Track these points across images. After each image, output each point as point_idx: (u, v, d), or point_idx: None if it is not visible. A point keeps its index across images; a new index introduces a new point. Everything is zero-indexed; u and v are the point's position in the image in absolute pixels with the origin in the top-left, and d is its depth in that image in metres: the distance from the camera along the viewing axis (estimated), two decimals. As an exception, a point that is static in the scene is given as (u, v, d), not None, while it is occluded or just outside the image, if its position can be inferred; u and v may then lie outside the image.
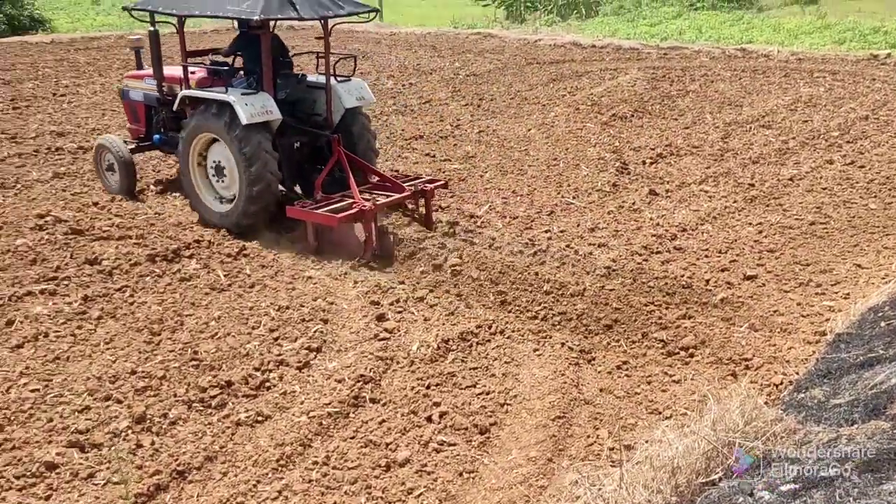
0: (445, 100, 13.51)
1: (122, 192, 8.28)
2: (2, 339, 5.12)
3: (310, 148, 7.77)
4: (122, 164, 8.23)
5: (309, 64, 9.75)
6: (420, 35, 23.29)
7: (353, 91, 7.65)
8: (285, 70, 7.75)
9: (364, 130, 7.83)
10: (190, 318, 5.56)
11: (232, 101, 6.86)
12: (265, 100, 7.02)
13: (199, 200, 7.52)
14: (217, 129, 7.07)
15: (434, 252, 6.59)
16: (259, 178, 6.94)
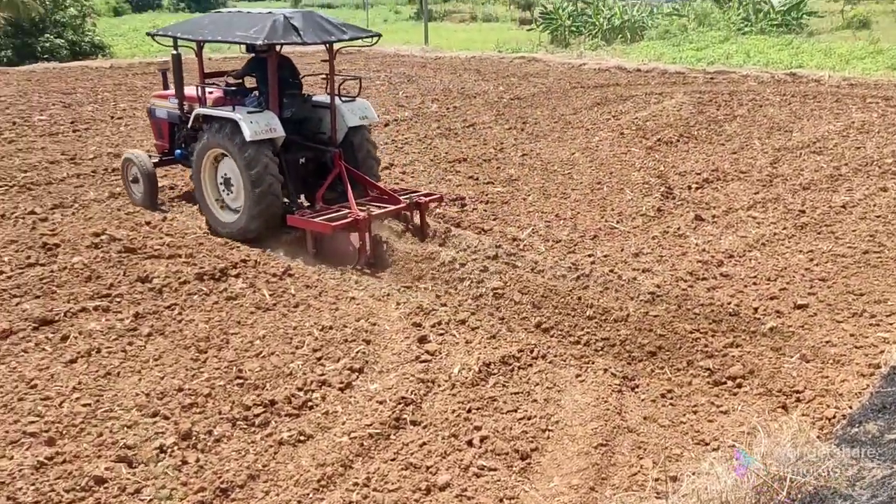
0: (489, 123, 13.58)
1: (144, 203, 8.81)
2: (57, 353, 5.27)
3: (315, 163, 8.12)
4: (146, 177, 8.77)
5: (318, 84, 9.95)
6: (465, 59, 23.50)
7: (356, 111, 8.07)
8: (293, 91, 8.18)
9: (366, 147, 8.21)
10: (235, 336, 5.65)
11: (237, 119, 7.34)
12: (269, 118, 7.47)
13: (209, 210, 8.01)
14: (225, 145, 7.55)
15: (476, 275, 6.60)
16: (262, 190, 7.38)
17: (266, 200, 7.43)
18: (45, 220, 8.09)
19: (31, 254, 7.02)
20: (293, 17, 7.49)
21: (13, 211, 8.36)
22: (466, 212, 8.62)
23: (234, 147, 7.42)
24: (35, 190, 9.29)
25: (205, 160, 7.86)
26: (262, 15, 7.58)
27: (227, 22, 7.89)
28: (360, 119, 8.05)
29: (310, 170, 8.11)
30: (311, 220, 7.26)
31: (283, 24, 7.29)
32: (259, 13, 7.72)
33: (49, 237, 7.46)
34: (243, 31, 7.44)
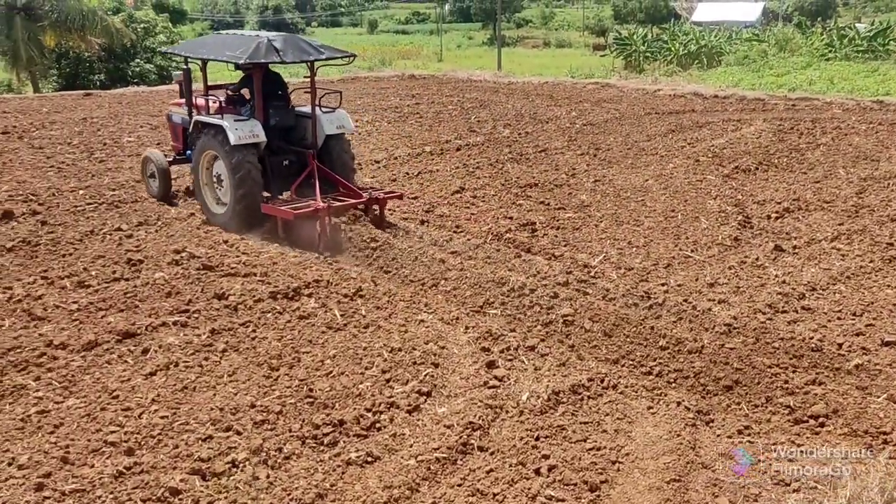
0: (561, 149, 13.52)
1: (159, 195, 10.11)
2: (138, 366, 5.47)
3: (298, 165, 9.27)
4: (161, 173, 10.07)
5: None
6: (537, 84, 23.52)
7: (334, 120, 9.25)
8: (279, 103, 9.35)
9: (342, 152, 9.39)
10: (307, 355, 5.74)
11: (224, 125, 8.63)
12: (253, 126, 8.71)
13: (204, 203, 9.32)
14: (216, 147, 8.83)
15: (546, 301, 6.54)
16: (243, 186, 8.61)
17: (247, 198, 8.66)
18: (130, 237, 8.45)
19: (117, 269, 7.34)
20: (275, 39, 8.73)
21: (101, 227, 8.75)
22: (537, 237, 8.58)
23: (223, 150, 8.67)
24: (122, 207, 9.71)
25: (202, 160, 9.19)
26: (250, 38, 8.89)
27: (221, 43, 9.46)
28: (337, 128, 9.24)
29: (293, 170, 9.26)
30: (277, 208, 8.59)
31: (266, 45, 8.55)
32: (248, 36, 9.12)
33: (133, 253, 7.78)
34: (231, 51, 8.76)
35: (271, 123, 9.07)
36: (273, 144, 9.02)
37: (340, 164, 9.31)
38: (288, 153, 9.30)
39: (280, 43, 8.67)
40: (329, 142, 9.24)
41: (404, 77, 26.98)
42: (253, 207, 8.73)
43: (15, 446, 4.44)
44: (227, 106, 9.20)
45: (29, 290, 6.79)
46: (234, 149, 8.53)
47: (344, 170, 9.32)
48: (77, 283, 6.96)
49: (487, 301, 6.79)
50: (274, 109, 9.20)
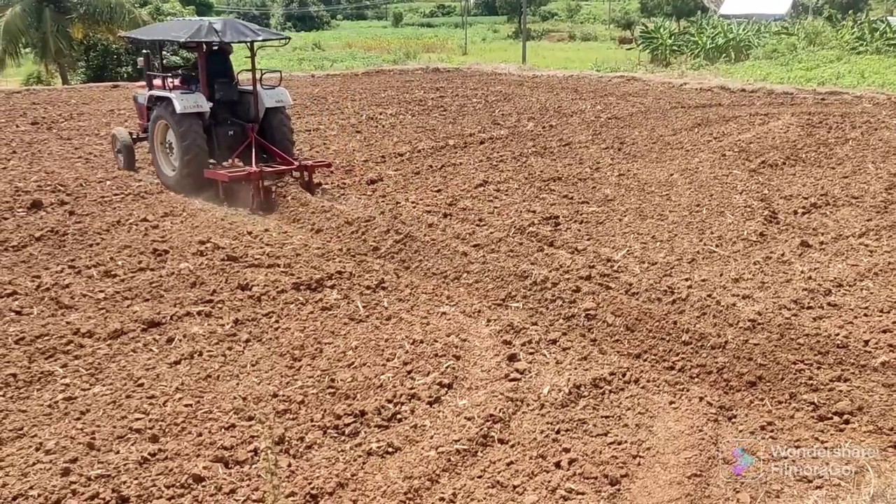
0: (585, 142, 13.44)
1: (125, 168, 11.32)
2: (162, 354, 5.54)
3: (242, 136, 10.39)
4: (126, 149, 11.37)
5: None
6: (562, 78, 23.40)
7: (273, 96, 10.47)
8: (224, 79, 10.60)
9: (280, 125, 10.52)
10: (329, 346, 5.77)
11: (171, 97, 9.88)
12: (197, 97, 9.93)
13: (158, 168, 10.60)
14: (166, 117, 10.02)
15: (568, 295, 6.52)
16: (188, 151, 9.82)
17: (192, 163, 9.84)
18: (156, 228, 8.55)
19: (143, 259, 7.43)
20: (216, 23, 9.91)
21: (127, 217, 8.87)
22: (560, 231, 8.55)
23: (172, 119, 9.87)
24: (148, 198, 9.83)
25: (156, 129, 10.42)
26: (195, 21, 10.15)
27: (169, 27, 11.08)
28: (276, 102, 10.44)
29: (237, 140, 10.37)
30: (216, 172, 9.83)
31: (207, 27, 9.73)
32: (194, 20, 10.38)
33: (159, 243, 7.88)
34: (176, 33, 10.02)
35: (217, 97, 10.34)
36: (219, 116, 10.34)
37: (280, 134, 10.50)
38: (232, 125, 10.47)
39: (220, 25, 9.85)
40: (269, 115, 10.44)
41: (429, 70, 26.99)
42: (198, 172, 9.90)
43: (42, 432, 4.52)
44: (182, 84, 10.46)
45: (57, 278, 6.90)
46: (180, 117, 9.75)
47: (283, 140, 10.51)
48: (104, 273, 7.06)
49: (510, 294, 6.78)
50: (219, 85, 10.41)
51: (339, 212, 9.02)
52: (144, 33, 11.44)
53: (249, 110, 10.53)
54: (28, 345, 5.59)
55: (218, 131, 10.33)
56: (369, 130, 14.76)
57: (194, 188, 9.97)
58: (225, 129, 10.41)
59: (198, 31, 9.69)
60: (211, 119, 10.22)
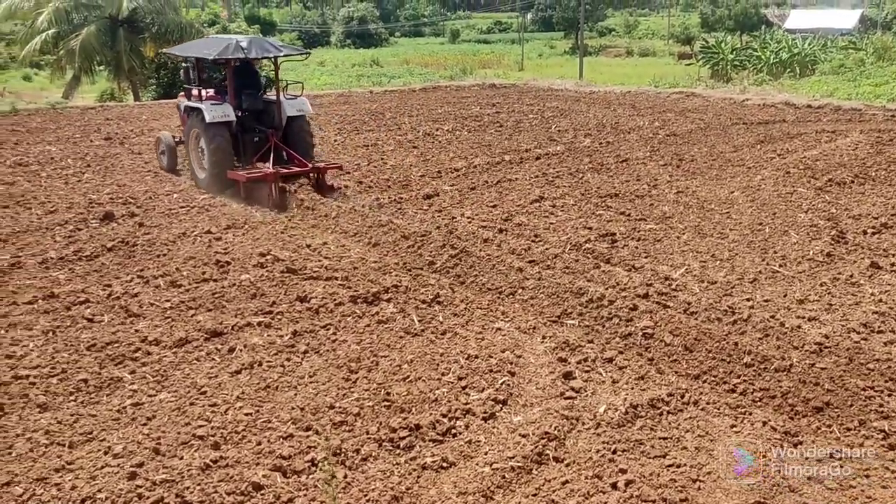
0: (643, 159, 13.29)
1: (168, 169, 12.55)
2: (224, 364, 5.68)
3: (266, 141, 11.31)
4: (169, 150, 12.61)
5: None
6: (619, 94, 23.20)
7: (295, 105, 11.49)
8: (251, 91, 11.69)
9: (301, 131, 11.51)
10: (385, 359, 5.83)
11: (202, 107, 11.04)
12: (225, 108, 11.04)
13: (193, 171, 11.70)
14: (198, 126, 11.10)
15: (625, 313, 6.44)
16: (214, 154, 10.92)
17: (218, 165, 10.91)
18: (219, 240, 8.78)
19: (206, 270, 7.64)
20: (243, 41, 11.02)
21: (192, 229, 9.13)
22: (617, 248, 8.46)
23: (202, 126, 10.94)
24: (212, 211, 10.10)
25: (191, 136, 11.49)
26: (225, 39, 11.41)
27: (204, 45, 12.11)
28: (297, 111, 11.43)
29: (261, 145, 11.39)
30: (237, 174, 10.75)
31: (234, 45, 10.77)
32: (224, 38, 11.70)
33: (222, 255, 8.09)
34: (208, 50, 11.10)
35: (244, 107, 11.43)
36: (245, 124, 11.42)
37: (300, 140, 11.48)
38: (257, 132, 11.50)
39: (246, 43, 10.93)
40: (291, 122, 11.44)
41: (485, 86, 27.09)
42: (223, 174, 10.94)
43: (111, 436, 4.68)
44: (215, 95, 11.64)
45: (126, 287, 7.16)
46: (209, 126, 10.84)
47: (303, 145, 11.47)
48: (170, 283, 7.29)
49: (565, 311, 6.74)
50: (246, 96, 11.51)
51: (396, 226, 9.11)
52: (182, 50, 12.74)
53: (273, 118, 11.53)
54: (99, 351, 5.80)
55: (244, 137, 11.43)
56: (426, 146, 14.89)
57: (220, 188, 11.05)
58: (251, 135, 11.50)
59: (226, 49, 10.74)
60: (238, 126, 11.29)
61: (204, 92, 11.69)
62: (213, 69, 12.94)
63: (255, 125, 11.59)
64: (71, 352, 5.79)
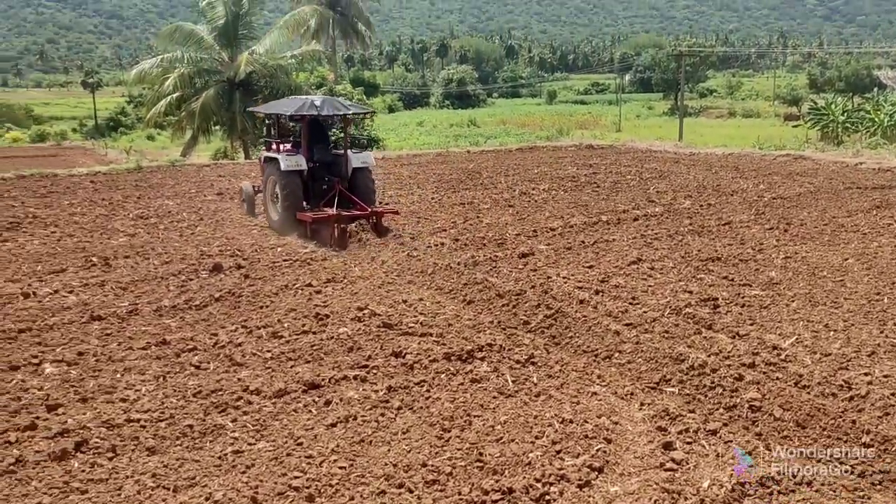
0: (747, 222, 12.87)
1: (248, 213, 14.11)
2: (320, 416, 5.78)
3: (333, 188, 12.73)
4: (248, 198, 14.31)
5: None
6: (721, 156, 22.70)
7: (360, 158, 13.12)
8: (322, 144, 13.36)
9: (364, 180, 13.02)
10: (478, 419, 5.78)
11: (278, 157, 12.63)
12: (298, 158, 12.57)
13: (268, 213, 13.22)
14: (275, 174, 12.67)
15: (730, 383, 6.16)
16: (286, 199, 12.43)
17: (289, 209, 12.37)
18: (319, 293, 9.04)
19: (306, 322, 7.86)
20: (317, 100, 12.60)
21: (294, 282, 9.45)
22: (720, 314, 8.15)
23: (277, 174, 12.50)
24: (313, 265, 10.44)
25: (268, 183, 13.10)
26: (301, 99, 13.11)
27: (283, 104, 13.73)
28: (361, 163, 13.02)
29: (329, 192, 12.76)
30: (304, 215, 12.20)
31: (309, 103, 12.39)
32: (301, 98, 13.54)
33: (321, 308, 8.31)
34: (286, 108, 12.87)
35: (315, 158, 12.95)
36: (316, 173, 12.92)
37: (363, 188, 12.92)
38: (326, 180, 12.94)
39: (319, 102, 12.52)
40: (356, 173, 12.96)
41: (582, 147, 27.12)
42: (294, 216, 12.33)
43: (212, 482, 4.82)
44: (291, 148, 13.13)
45: (231, 337, 7.45)
46: (283, 174, 12.36)
47: (366, 192, 12.91)
48: (271, 334, 7.54)
49: (664, 378, 6.52)
50: (317, 149, 13.09)
51: (491, 284, 9.13)
52: (265, 108, 14.43)
53: (341, 169, 13.02)
54: (204, 398, 6.03)
55: (314, 185, 12.92)
56: (522, 205, 14.96)
57: (291, 229, 12.40)
58: (320, 183, 12.97)
59: (301, 107, 12.36)
60: (309, 175, 12.76)
61: (282, 145, 13.19)
62: (291, 124, 14.05)
63: (324, 174, 12.99)
64: (179, 397, 6.04)
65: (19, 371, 6.60)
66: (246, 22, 29.98)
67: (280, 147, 13.19)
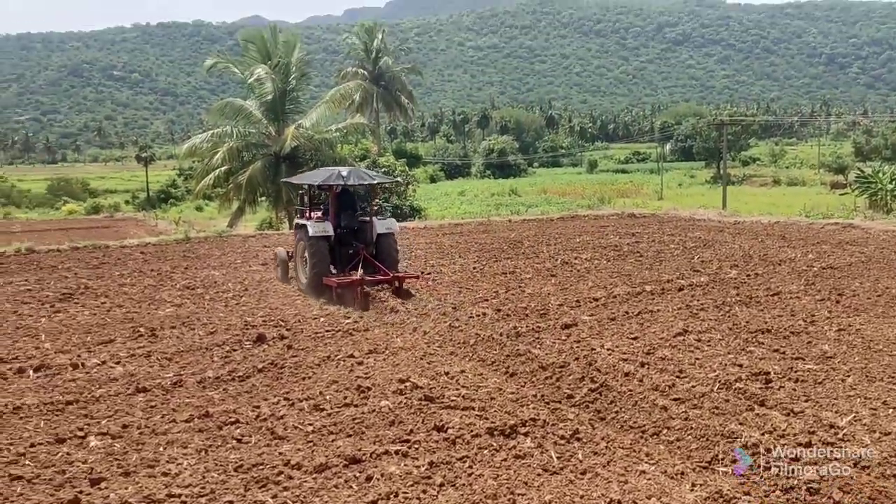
0: (797, 293, 12.56)
1: (281, 278, 14.79)
2: (361, 493, 5.68)
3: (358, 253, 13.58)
4: (282, 263, 14.95)
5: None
6: (767, 224, 22.39)
7: (384, 224, 13.93)
8: (349, 211, 14.19)
9: (388, 246, 13.74)
10: (522, 497, 5.61)
11: (307, 224, 13.51)
12: (326, 225, 13.43)
13: (297, 276, 14.02)
14: (304, 239, 13.48)
15: (785, 463, 5.90)
16: (314, 265, 13.16)
17: (317, 274, 13.09)
18: (361, 364, 9.03)
19: (348, 395, 7.83)
20: (343, 170, 13.52)
21: (336, 353, 9.46)
22: (772, 389, 7.89)
23: (306, 240, 13.31)
24: (355, 335, 10.47)
25: (298, 248, 13.98)
26: (328, 170, 14.20)
27: (313, 175, 14.82)
28: (385, 229, 13.81)
29: (354, 256, 13.54)
30: (330, 280, 12.96)
31: (336, 174, 13.34)
32: (328, 169, 14.74)
33: (363, 380, 8.28)
34: (315, 179, 13.89)
35: (342, 225, 13.85)
36: (342, 239, 13.74)
37: (387, 253, 13.65)
38: (352, 245, 13.75)
39: (346, 172, 13.44)
40: (380, 238, 13.73)
41: (624, 216, 27.04)
42: (321, 279, 13.03)
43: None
44: (321, 215, 13.97)
45: (273, 409, 7.44)
46: (312, 239, 13.17)
47: (389, 258, 13.61)
48: (313, 406, 7.51)
49: (716, 457, 6.28)
50: (344, 216, 14.00)
51: (534, 356, 9.02)
52: (297, 178, 15.75)
53: (366, 235, 13.87)
54: (245, 472, 5.99)
55: (341, 250, 13.76)
56: (564, 275, 14.88)
57: (318, 292, 13.09)
58: (346, 248, 13.81)
59: (329, 177, 13.39)
60: (336, 241, 13.59)
61: (312, 213, 14.14)
62: (320, 194, 14.82)
63: (351, 240, 13.86)
64: (220, 472, 6.02)
65: (65, 444, 6.68)
66: (293, 97, 31.03)
67: (311, 214, 14.06)
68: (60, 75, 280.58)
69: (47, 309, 12.49)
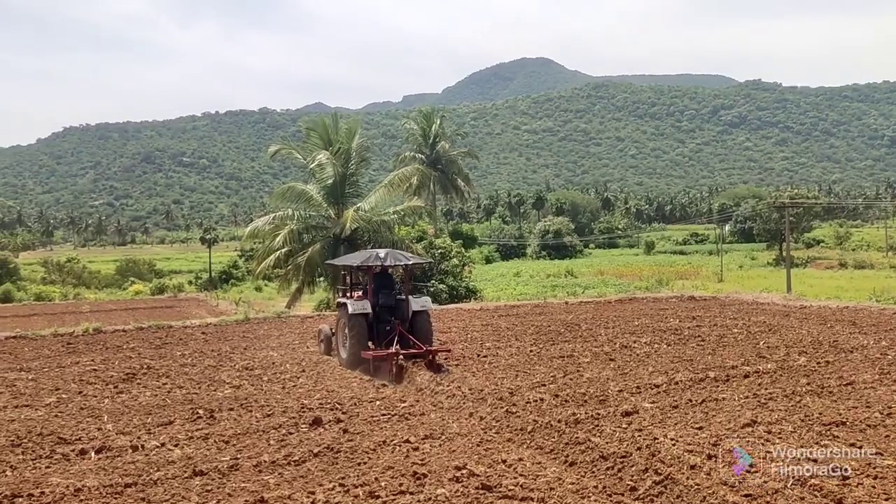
0: (872, 382, 11.96)
1: (324, 353, 15.68)
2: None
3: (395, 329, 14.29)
4: (326, 339, 15.84)
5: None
6: (835, 309, 21.63)
7: (419, 302, 14.73)
8: (387, 290, 14.97)
9: (423, 322, 14.53)
10: None
11: (347, 303, 14.47)
12: (364, 303, 14.30)
13: (338, 351, 14.80)
14: (344, 316, 14.39)
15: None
16: (353, 340, 14.04)
17: (355, 347, 13.93)
18: (416, 450, 8.88)
19: (403, 481, 7.67)
20: (381, 252, 14.50)
21: (392, 438, 9.34)
22: (850, 486, 7.42)
23: (346, 317, 14.23)
24: (411, 420, 10.35)
25: (339, 324, 14.80)
26: (368, 251, 15.30)
27: (353, 257, 15.53)
28: (420, 307, 14.64)
29: (391, 332, 14.21)
30: (367, 353, 13.69)
31: (374, 255, 14.35)
32: (368, 250, 16.21)
33: (419, 466, 8.12)
34: (355, 260, 14.81)
35: (380, 303, 14.63)
36: (380, 316, 14.54)
37: (422, 329, 14.42)
38: (389, 322, 14.48)
39: (384, 253, 14.42)
40: (416, 315, 14.56)
41: (683, 298, 26.51)
42: (359, 354, 13.79)
43: None
44: (361, 294, 14.90)
45: (328, 496, 7.33)
46: (351, 316, 14.06)
47: (423, 332, 14.36)
48: (368, 493, 7.38)
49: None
50: (382, 294, 14.78)
51: (594, 445, 8.73)
52: (339, 260, 16.61)
53: (402, 312, 14.65)
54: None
55: (378, 327, 14.53)
56: (623, 359, 14.54)
57: (356, 365, 13.87)
58: (384, 324, 14.56)
59: (367, 258, 14.36)
60: (374, 318, 14.42)
61: (354, 292, 15.22)
62: (361, 274, 15.57)
63: (388, 317, 14.62)
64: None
65: (123, 526, 6.68)
66: (353, 181, 31.94)
67: (352, 293, 15.13)
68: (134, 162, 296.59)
69: (111, 389, 12.77)
